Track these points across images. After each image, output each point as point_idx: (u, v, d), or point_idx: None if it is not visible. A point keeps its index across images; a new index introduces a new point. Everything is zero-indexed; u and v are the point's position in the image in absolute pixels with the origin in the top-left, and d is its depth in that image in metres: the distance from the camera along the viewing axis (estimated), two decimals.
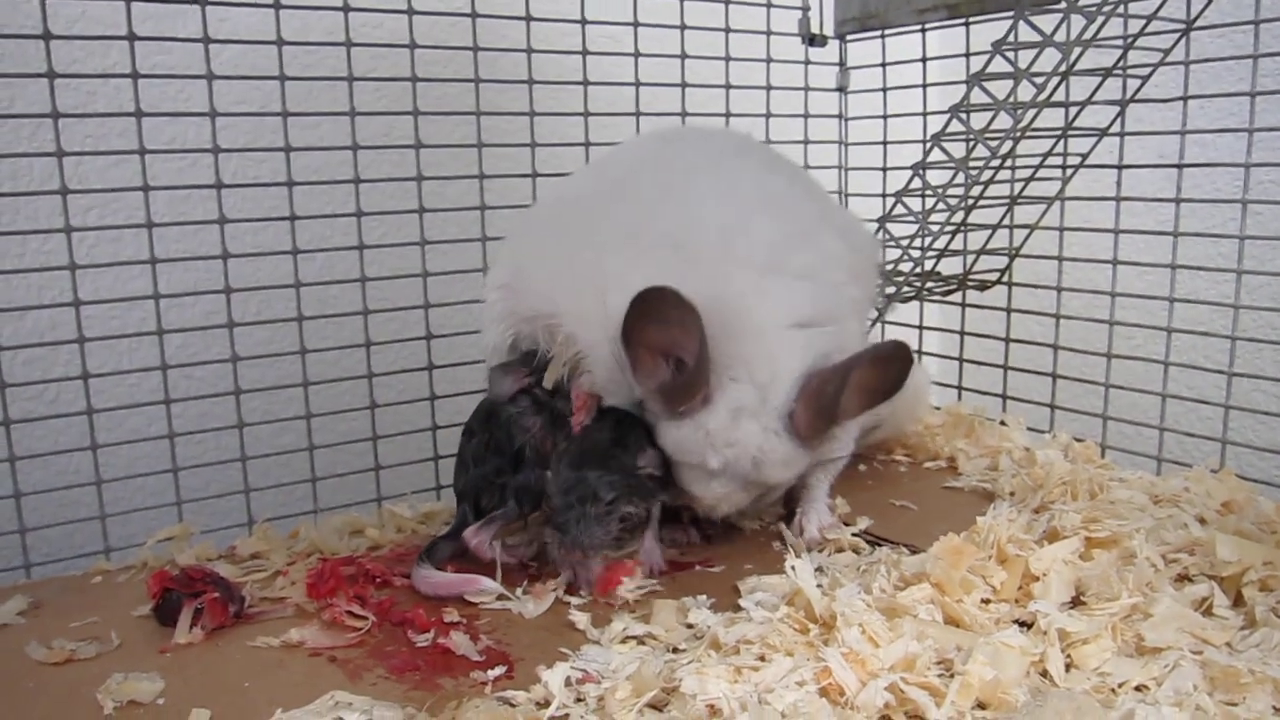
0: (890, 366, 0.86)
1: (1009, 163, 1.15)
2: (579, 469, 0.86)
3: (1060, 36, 0.99)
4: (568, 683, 0.69)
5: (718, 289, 0.85)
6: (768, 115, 1.36)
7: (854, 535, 0.95)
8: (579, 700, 0.68)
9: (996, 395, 1.32)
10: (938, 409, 1.33)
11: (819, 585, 0.76)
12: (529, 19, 1.17)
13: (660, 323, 0.81)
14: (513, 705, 0.67)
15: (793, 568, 0.77)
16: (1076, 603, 0.77)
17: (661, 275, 0.81)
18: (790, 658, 0.68)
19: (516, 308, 0.96)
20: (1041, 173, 1.19)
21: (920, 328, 1.41)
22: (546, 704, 0.67)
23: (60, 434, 1.07)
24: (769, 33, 1.36)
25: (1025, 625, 0.74)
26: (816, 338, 0.87)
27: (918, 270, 1.17)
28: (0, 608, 0.86)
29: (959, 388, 1.37)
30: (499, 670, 0.74)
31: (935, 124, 1.08)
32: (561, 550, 0.86)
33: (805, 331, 0.87)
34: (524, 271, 0.96)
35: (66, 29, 1.12)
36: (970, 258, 1.27)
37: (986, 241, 1.25)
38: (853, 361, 0.85)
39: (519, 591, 0.87)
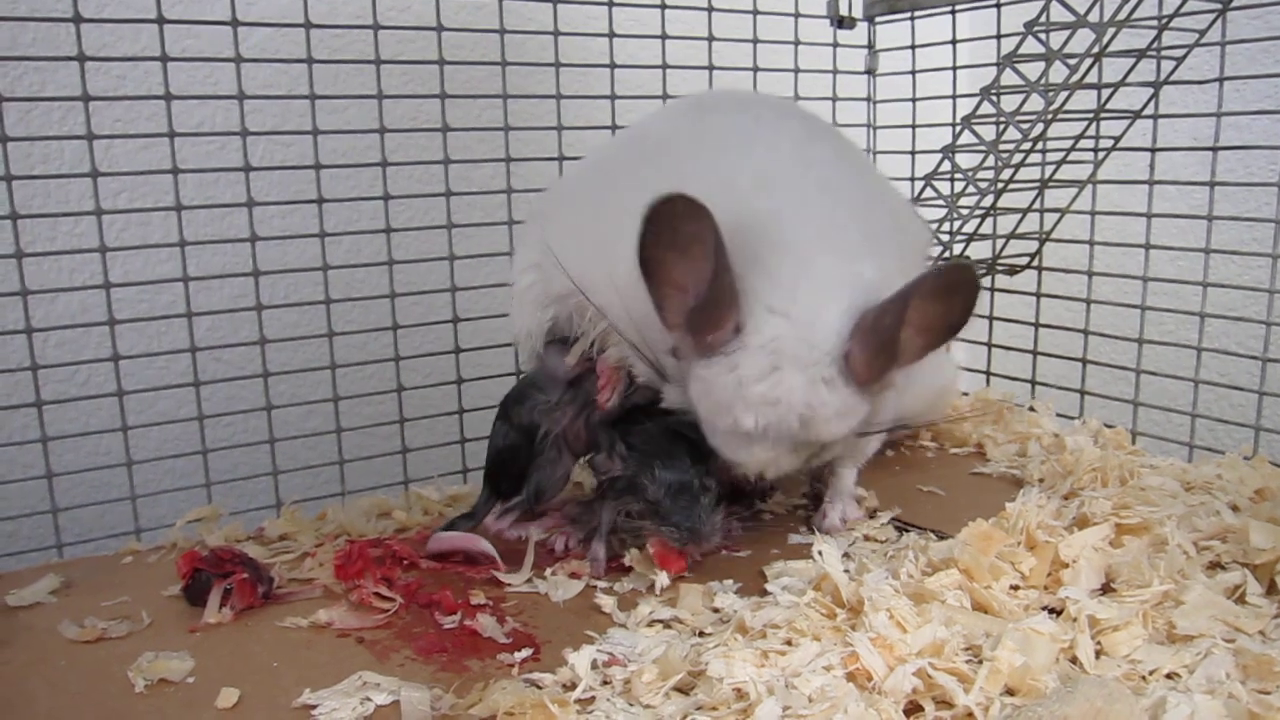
0: (955, 297, 0.74)
1: (1040, 146, 1.14)
2: (674, 468, 0.85)
3: (1094, 17, 0.98)
4: (594, 665, 0.69)
5: (754, 206, 0.77)
6: (796, 98, 1.35)
7: (881, 525, 0.94)
8: (605, 683, 0.68)
9: (1026, 381, 1.30)
10: (965, 394, 1.32)
11: (846, 571, 0.75)
12: (556, 1, 1.16)
13: (676, 248, 0.73)
14: (539, 687, 0.67)
15: (819, 552, 0.77)
16: (1107, 590, 0.76)
17: None
18: (818, 642, 0.67)
19: (549, 288, 0.94)
20: (1073, 156, 1.17)
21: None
22: (573, 686, 0.67)
23: (91, 416, 1.08)
24: (797, 15, 1.35)
25: (1055, 612, 0.73)
26: (867, 270, 0.78)
27: (947, 254, 1.16)
28: (33, 587, 0.87)
29: (987, 373, 1.36)
30: (526, 652, 0.74)
31: (965, 107, 1.07)
32: (680, 543, 0.84)
33: (854, 256, 0.78)
34: (555, 248, 0.92)
35: (97, 12, 1.12)
36: (1000, 242, 1.26)
37: (1017, 225, 1.24)
38: (911, 289, 0.73)
39: (549, 574, 0.87)
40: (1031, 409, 1.25)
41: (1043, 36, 0.99)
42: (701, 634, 0.75)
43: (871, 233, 0.84)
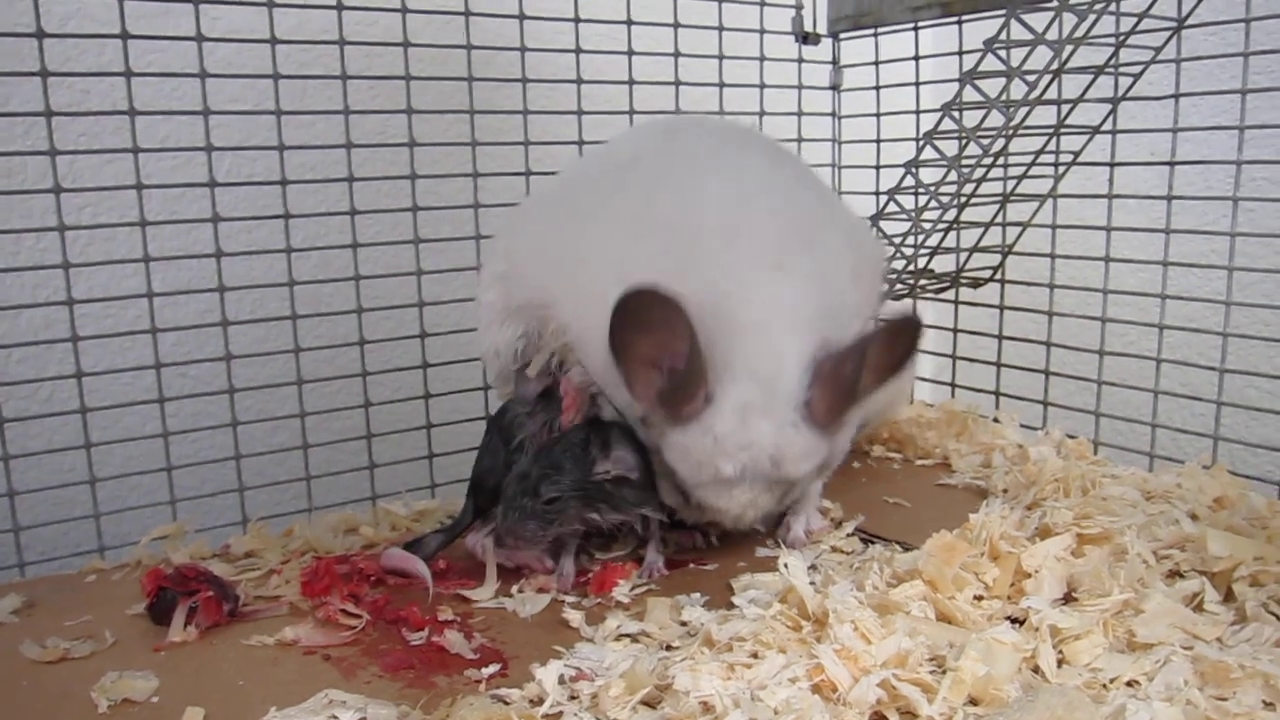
0: (903, 338, 0.83)
1: (1001, 160, 1.15)
2: (535, 462, 0.88)
3: (1052, 34, 0.99)
4: (561, 680, 0.69)
5: (715, 281, 0.83)
6: (761, 113, 1.36)
7: (847, 536, 0.95)
8: (573, 698, 0.68)
9: (990, 392, 1.32)
10: (931, 406, 1.33)
11: (812, 583, 0.76)
12: (522, 17, 1.17)
13: (646, 330, 0.78)
14: (507, 703, 0.67)
15: (785, 565, 0.77)
16: (1068, 599, 0.77)
17: (659, 263, 0.81)
18: (783, 654, 0.68)
19: (514, 299, 0.95)
20: (1034, 170, 1.19)
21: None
22: (540, 701, 0.67)
23: (55, 433, 1.07)
24: (762, 31, 1.36)
25: (1017, 621, 0.74)
26: (819, 324, 0.85)
27: (911, 268, 1.17)
28: None
29: (952, 385, 1.38)
30: (493, 668, 0.74)
31: (928, 122, 1.08)
32: (497, 535, 0.88)
33: (807, 320, 0.85)
34: (519, 261, 0.95)
35: (60, 27, 1.12)
36: (963, 255, 1.27)
37: (979, 239, 1.26)
38: (868, 338, 0.82)
39: (515, 590, 0.87)
40: (996, 420, 1.26)
41: (1002, 54, 1.00)
42: (669, 647, 0.75)
43: (828, 261, 0.89)
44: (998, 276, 1.29)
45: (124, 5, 0.97)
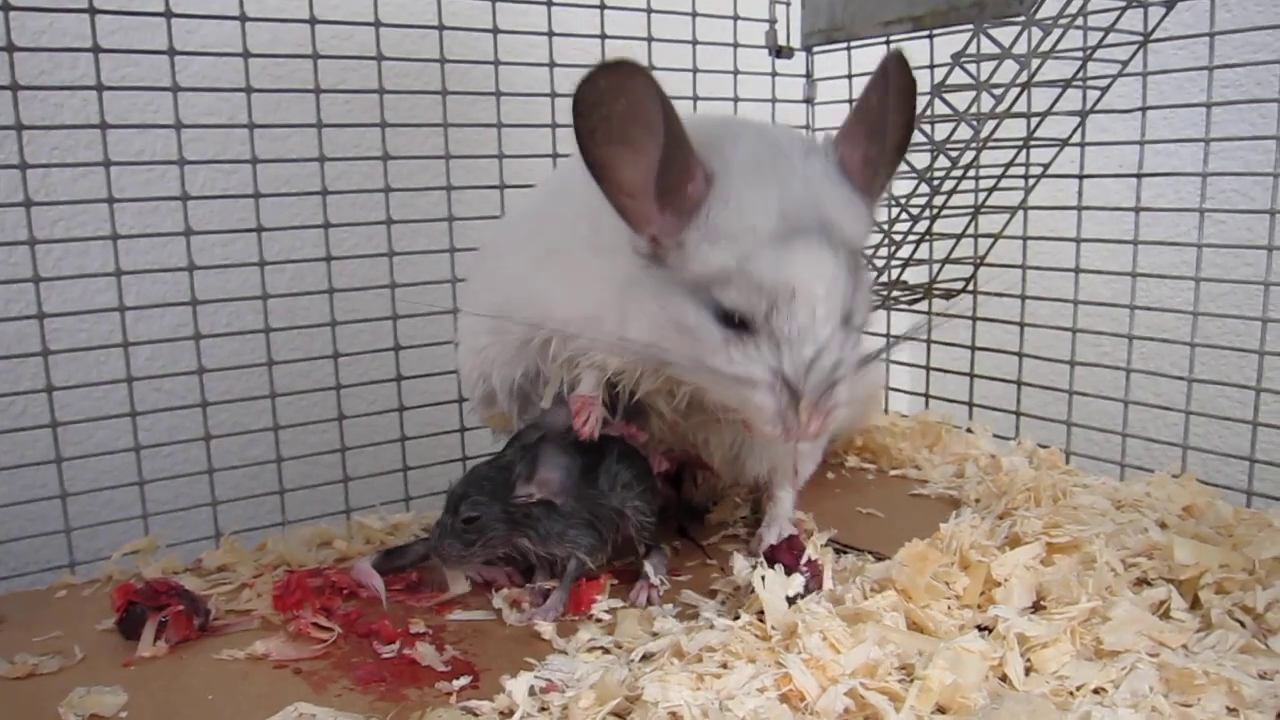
0: (896, 71, 0.76)
1: (971, 173, 1.16)
2: (466, 481, 0.87)
3: (1020, 48, 1.00)
4: (531, 692, 0.69)
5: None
6: None
7: (820, 547, 0.95)
8: (543, 709, 0.68)
9: (963, 403, 1.33)
10: (905, 417, 1.34)
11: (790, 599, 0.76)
12: (496, 31, 1.17)
13: (622, 139, 0.70)
14: (476, 715, 0.68)
15: (762, 578, 0.77)
16: (1037, 607, 0.78)
17: None
18: (752, 664, 0.68)
19: (509, 343, 0.93)
20: (1005, 182, 1.20)
21: (888, 336, 1.42)
22: (511, 713, 0.67)
23: (26, 448, 1.06)
24: (736, 45, 1.37)
25: (987, 630, 0.74)
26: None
27: (883, 279, 1.18)
28: None
29: (926, 395, 1.39)
30: (464, 680, 0.74)
31: None
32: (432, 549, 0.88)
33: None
34: (508, 293, 0.93)
35: (32, 41, 1.11)
36: (935, 267, 1.28)
37: (951, 250, 1.27)
38: (879, 74, 0.76)
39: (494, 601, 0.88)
40: (969, 431, 1.27)
41: (971, 68, 1.01)
42: (643, 658, 0.75)
43: None
44: (970, 288, 1.30)
45: (95, 19, 0.96)
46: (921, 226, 1.12)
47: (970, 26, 1.03)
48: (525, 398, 0.97)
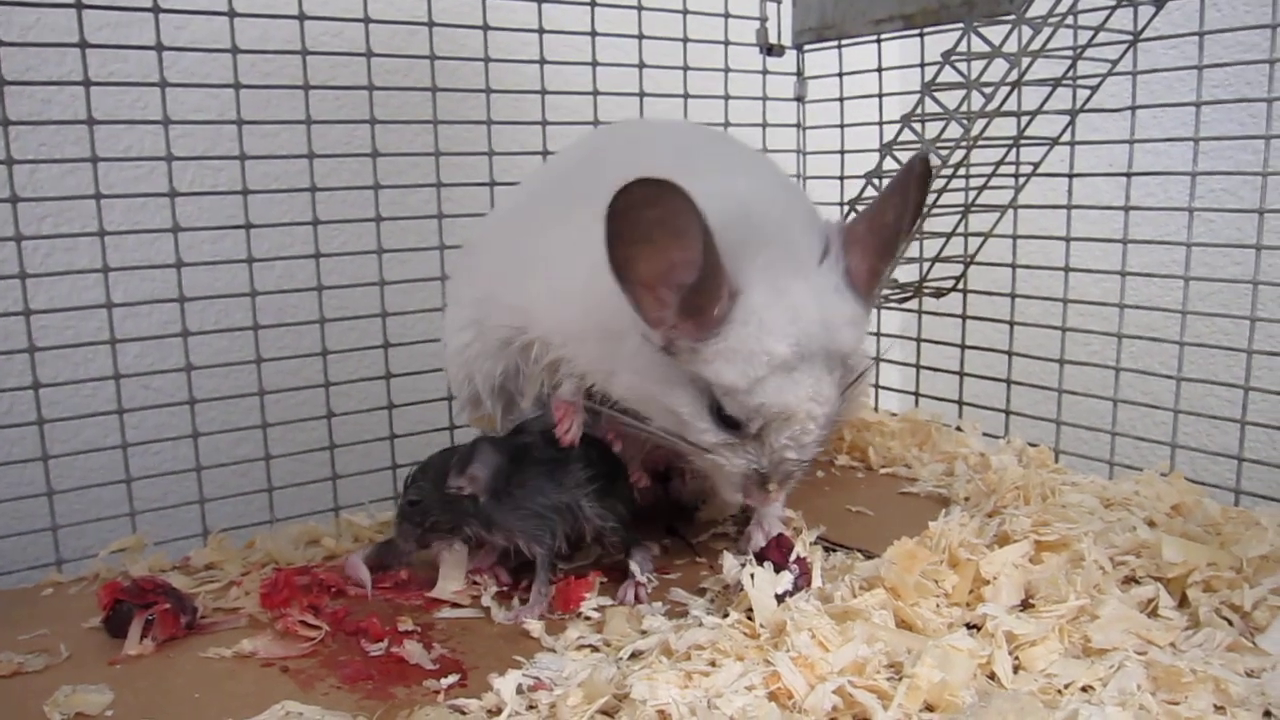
0: (916, 179, 0.77)
1: (962, 171, 1.17)
2: (420, 465, 0.90)
3: (1010, 47, 1.00)
4: (519, 690, 0.69)
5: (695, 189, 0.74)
6: (726, 124, 1.37)
7: (810, 545, 0.95)
8: (531, 708, 0.68)
9: (953, 401, 1.33)
10: (894, 415, 1.34)
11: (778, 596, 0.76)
12: (486, 28, 1.17)
13: (649, 236, 0.71)
14: (464, 713, 0.67)
15: (751, 576, 0.77)
16: (1026, 605, 0.78)
17: None
18: (741, 662, 0.68)
19: (491, 339, 0.94)
20: (995, 181, 1.20)
21: (878, 334, 1.42)
22: (498, 711, 0.67)
23: (13, 445, 1.06)
24: (727, 43, 1.37)
25: (975, 628, 0.74)
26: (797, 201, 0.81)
27: None
28: None
29: (916, 394, 1.39)
30: (452, 678, 0.74)
31: (892, 133, 1.09)
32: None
33: (793, 196, 0.81)
34: (490, 294, 0.93)
35: (20, 36, 1.11)
36: (926, 265, 1.28)
37: (941, 249, 1.27)
38: (896, 184, 0.76)
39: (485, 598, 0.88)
40: (959, 429, 1.27)
41: (961, 66, 1.01)
42: (633, 656, 0.75)
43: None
44: (960, 286, 1.30)
45: (82, 14, 0.96)
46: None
47: (961, 25, 1.03)
48: (509, 398, 0.97)
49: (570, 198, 0.89)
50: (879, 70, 1.35)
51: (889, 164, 1.07)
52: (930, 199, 1.10)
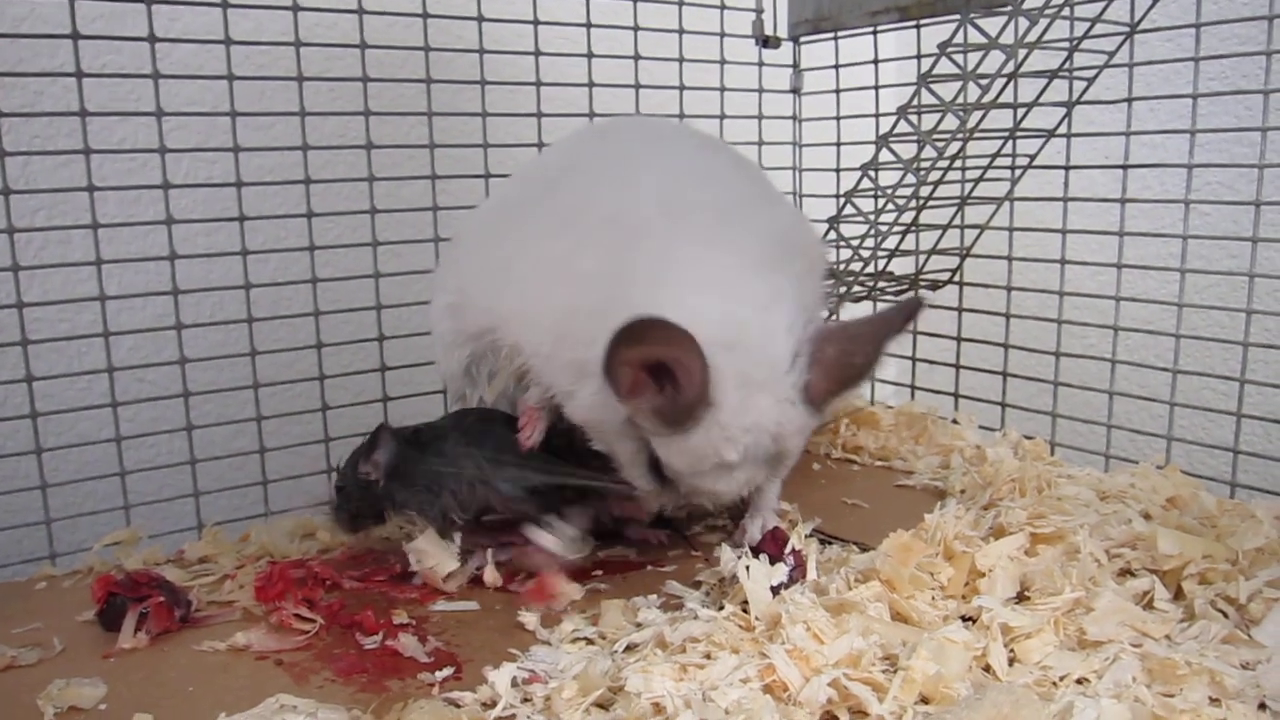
0: (901, 322, 0.82)
1: (958, 163, 1.16)
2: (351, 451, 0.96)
3: (1007, 39, 1.00)
4: (514, 683, 0.69)
5: (676, 266, 0.80)
6: (722, 116, 1.37)
7: (805, 538, 0.95)
8: (526, 700, 0.68)
9: (949, 394, 1.33)
10: (890, 408, 1.34)
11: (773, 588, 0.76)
12: (481, 19, 1.17)
13: (646, 359, 0.74)
14: (458, 706, 0.67)
15: (747, 568, 0.77)
16: (1021, 598, 0.78)
17: (604, 255, 0.80)
18: (735, 655, 0.68)
19: (464, 327, 0.95)
20: (991, 173, 1.20)
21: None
22: (493, 704, 0.67)
23: (6, 439, 1.06)
24: (723, 34, 1.36)
25: (970, 620, 0.74)
26: (791, 294, 0.82)
27: (869, 270, 1.18)
28: None
29: (912, 387, 1.39)
30: (447, 671, 0.73)
31: (888, 125, 1.09)
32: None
33: (778, 291, 0.81)
34: (466, 289, 0.94)
35: (13, 27, 1.10)
36: (921, 257, 1.28)
37: (937, 241, 1.26)
38: (883, 334, 0.81)
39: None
40: (955, 422, 1.27)
41: (957, 58, 1.01)
42: (628, 648, 0.75)
43: (777, 259, 0.86)
44: (956, 279, 1.30)
45: (75, 5, 0.95)
46: (907, 217, 1.12)
47: (957, 16, 1.03)
48: (474, 383, 0.99)
49: (553, 217, 0.89)
50: (875, 62, 1.35)
51: (885, 156, 1.07)
52: (926, 191, 1.10)
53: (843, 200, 1.13)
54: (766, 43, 1.40)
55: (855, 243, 1.13)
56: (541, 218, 0.90)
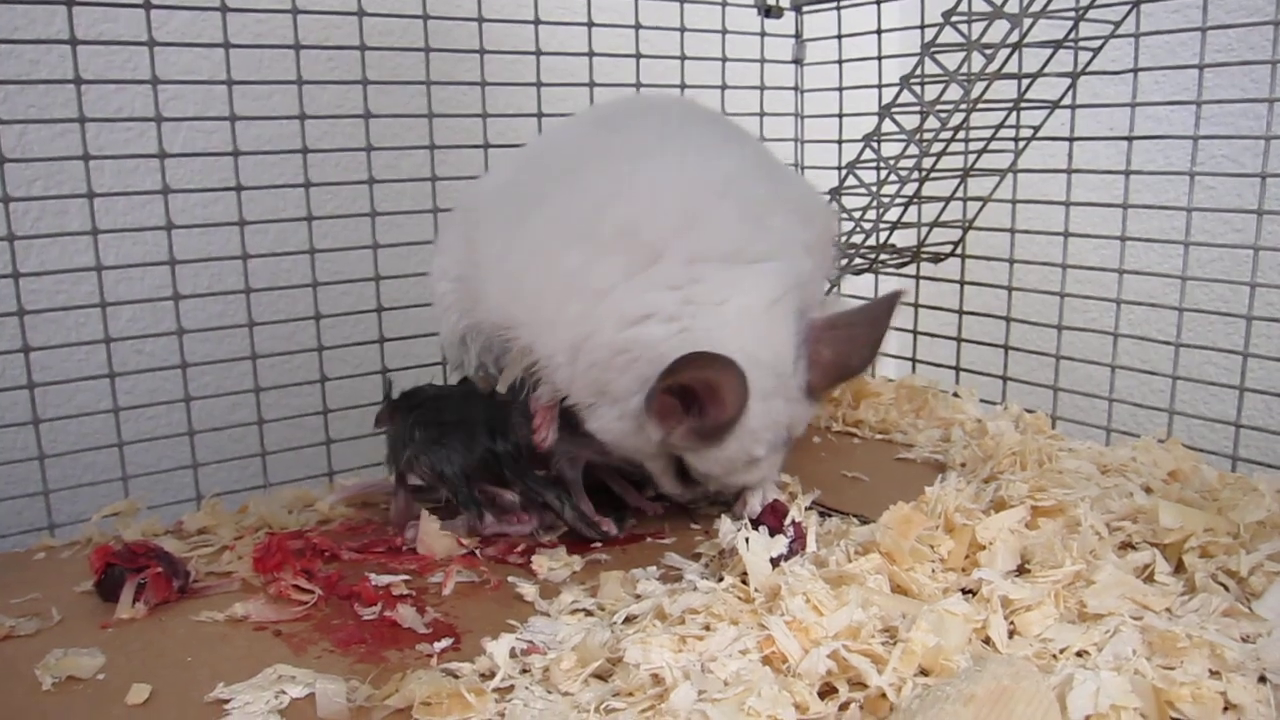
0: (884, 315, 0.90)
1: (962, 135, 1.15)
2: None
3: (1011, 7, 0.99)
4: (513, 654, 0.69)
5: (687, 287, 0.85)
6: (723, 87, 1.35)
7: (804, 510, 0.95)
8: (524, 671, 0.68)
9: (950, 367, 1.32)
10: (891, 381, 1.33)
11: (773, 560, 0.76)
12: None
13: (691, 391, 0.82)
14: (457, 677, 0.67)
15: (746, 540, 0.77)
16: (1022, 571, 0.78)
17: (620, 274, 0.83)
18: (735, 626, 0.68)
19: (474, 314, 0.95)
20: (994, 145, 1.19)
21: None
22: (491, 675, 0.67)
23: (5, 410, 1.05)
24: (725, 3, 1.35)
25: (971, 593, 0.74)
26: (791, 302, 0.88)
27: (871, 242, 1.17)
28: None
29: (913, 360, 1.38)
30: (446, 642, 0.73)
31: (891, 96, 1.08)
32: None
33: (780, 304, 0.87)
34: (477, 274, 0.93)
35: None
36: (924, 230, 1.27)
37: (940, 214, 1.26)
38: (878, 335, 0.89)
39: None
40: (956, 395, 1.27)
41: (962, 27, 1.00)
42: (627, 620, 0.74)
43: (782, 253, 0.89)
44: (958, 251, 1.29)
45: None
46: (910, 189, 1.11)
47: None
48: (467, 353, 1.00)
49: (566, 221, 0.89)
50: (878, 32, 1.34)
51: (888, 126, 1.06)
52: (929, 163, 1.09)
53: (845, 172, 1.12)
54: (769, 12, 1.39)
55: (857, 214, 1.12)
56: (555, 219, 0.89)
